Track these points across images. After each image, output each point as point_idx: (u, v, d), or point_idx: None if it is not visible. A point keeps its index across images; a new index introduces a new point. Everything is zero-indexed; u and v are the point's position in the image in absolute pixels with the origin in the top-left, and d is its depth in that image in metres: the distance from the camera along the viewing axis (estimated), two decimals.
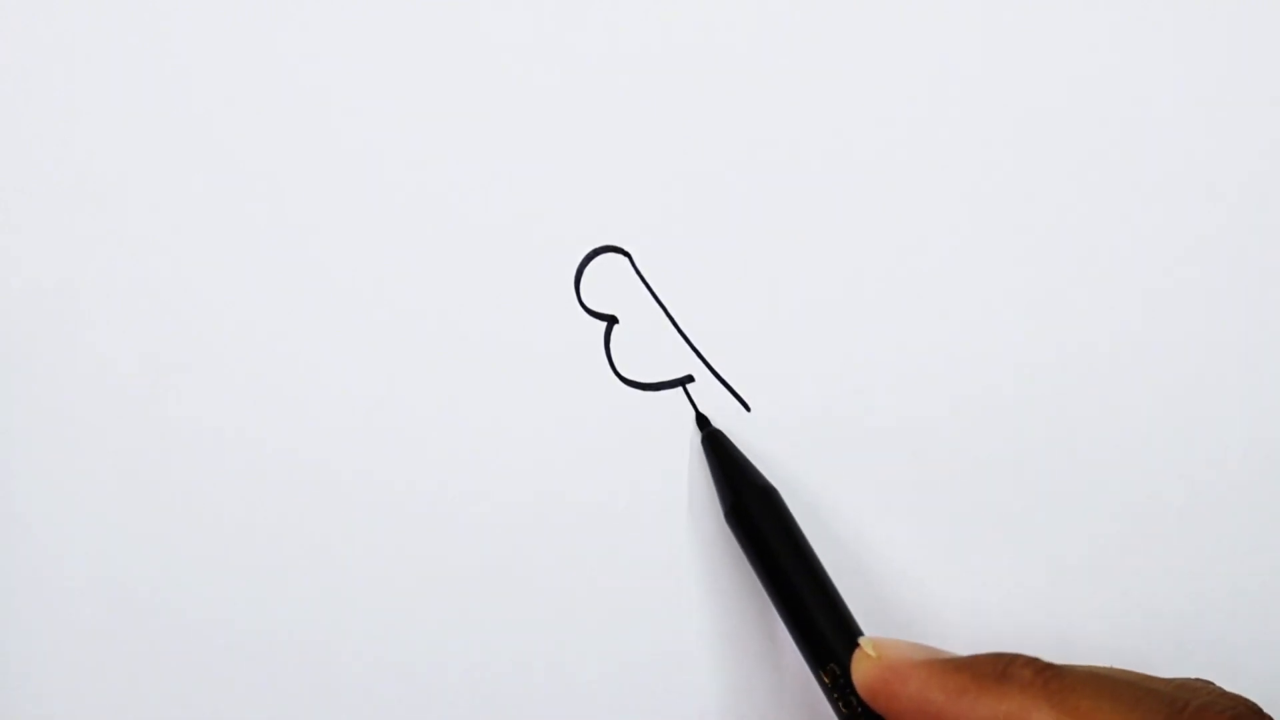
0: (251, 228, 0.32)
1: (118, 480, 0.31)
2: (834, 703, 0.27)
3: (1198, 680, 0.25)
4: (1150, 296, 0.32)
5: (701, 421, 0.31)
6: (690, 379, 0.32)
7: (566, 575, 0.31)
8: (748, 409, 0.31)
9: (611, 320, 0.32)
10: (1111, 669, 0.25)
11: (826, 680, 0.27)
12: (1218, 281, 0.32)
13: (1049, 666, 0.24)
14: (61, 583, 0.32)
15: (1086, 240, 0.32)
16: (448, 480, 0.31)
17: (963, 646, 0.27)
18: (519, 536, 0.31)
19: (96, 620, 0.31)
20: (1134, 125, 0.32)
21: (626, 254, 0.32)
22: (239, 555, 0.31)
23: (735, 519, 0.29)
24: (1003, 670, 0.24)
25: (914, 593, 0.31)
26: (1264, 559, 0.31)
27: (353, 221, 0.32)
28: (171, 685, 0.31)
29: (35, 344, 0.32)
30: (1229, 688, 0.25)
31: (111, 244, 0.32)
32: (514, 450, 0.31)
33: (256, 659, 0.31)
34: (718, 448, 0.30)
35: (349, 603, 0.31)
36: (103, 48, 0.32)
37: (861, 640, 0.27)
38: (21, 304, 0.32)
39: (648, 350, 0.32)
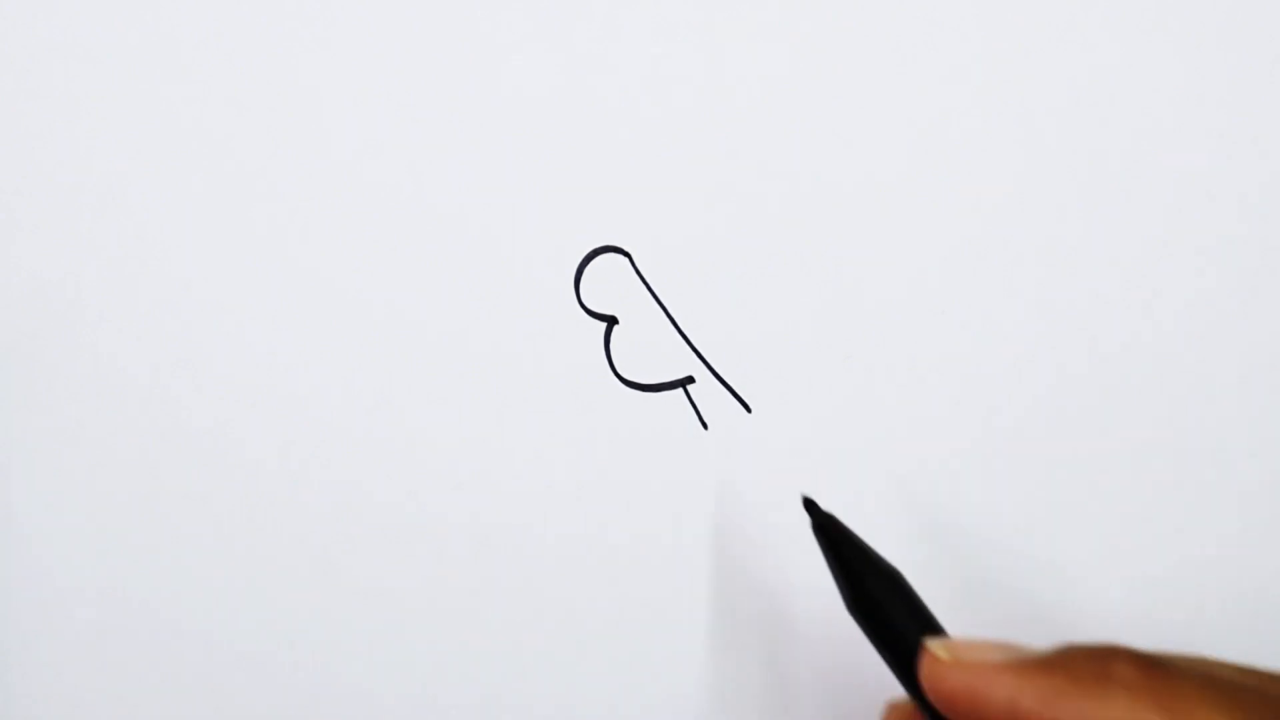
0: (252, 229, 0.32)
1: (118, 481, 0.32)
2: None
3: None
4: (1153, 295, 0.32)
5: (810, 506, 0.27)
6: (690, 379, 0.32)
7: (566, 575, 0.31)
8: (748, 409, 0.31)
9: (611, 320, 0.32)
10: (1209, 660, 0.23)
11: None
12: (1226, 283, 0.32)
13: (1152, 662, 0.22)
14: (61, 584, 0.32)
15: (1089, 243, 0.32)
16: (447, 481, 0.31)
17: None
18: (519, 536, 0.31)
19: (96, 621, 0.32)
20: (1138, 128, 0.32)
21: (626, 254, 0.32)
22: (239, 556, 0.31)
23: (859, 610, 0.26)
24: (1103, 669, 0.22)
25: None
26: None
27: (353, 222, 0.32)
28: (171, 685, 0.31)
29: (36, 344, 0.32)
30: None
31: (112, 245, 0.32)
32: (514, 450, 0.31)
33: (256, 660, 0.31)
34: (835, 536, 0.27)
35: (349, 603, 0.31)
36: (103, 47, 0.32)
37: (929, 642, 0.24)
38: (22, 304, 0.32)
39: (648, 351, 0.32)
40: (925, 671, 0.24)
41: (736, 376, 0.32)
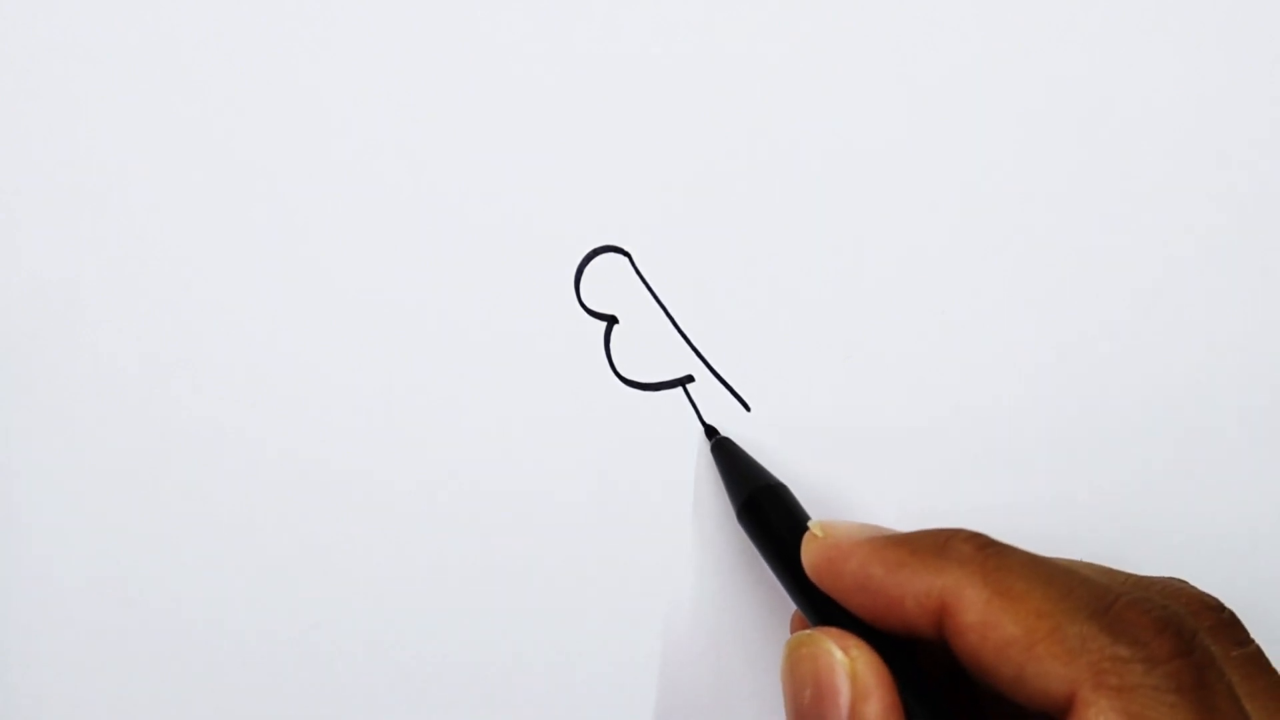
0: (252, 227, 0.32)
1: (118, 480, 0.32)
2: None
3: (1173, 579, 0.24)
4: (1152, 295, 0.32)
5: (710, 431, 0.31)
6: (690, 379, 0.32)
7: (566, 574, 0.31)
8: (748, 409, 0.31)
9: (611, 320, 0.32)
10: (1061, 558, 0.24)
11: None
12: (1219, 279, 0.32)
13: (991, 544, 0.23)
14: (62, 582, 0.32)
15: (1087, 240, 0.32)
16: (447, 479, 0.31)
17: None
18: (519, 536, 0.31)
19: (97, 620, 0.32)
20: (1134, 125, 0.32)
21: (626, 254, 0.32)
22: (239, 554, 0.31)
23: (747, 516, 0.29)
24: (943, 544, 0.23)
25: None
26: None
27: (353, 221, 0.32)
28: (171, 685, 0.31)
29: (36, 343, 0.32)
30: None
31: (112, 243, 0.32)
32: (514, 450, 0.31)
33: (256, 657, 0.31)
34: (726, 452, 0.30)
35: (349, 603, 0.31)
36: (103, 47, 0.32)
37: (810, 523, 0.26)
38: (22, 303, 0.32)
39: (648, 350, 0.32)
40: (804, 548, 0.26)
41: (736, 376, 0.32)
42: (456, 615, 0.31)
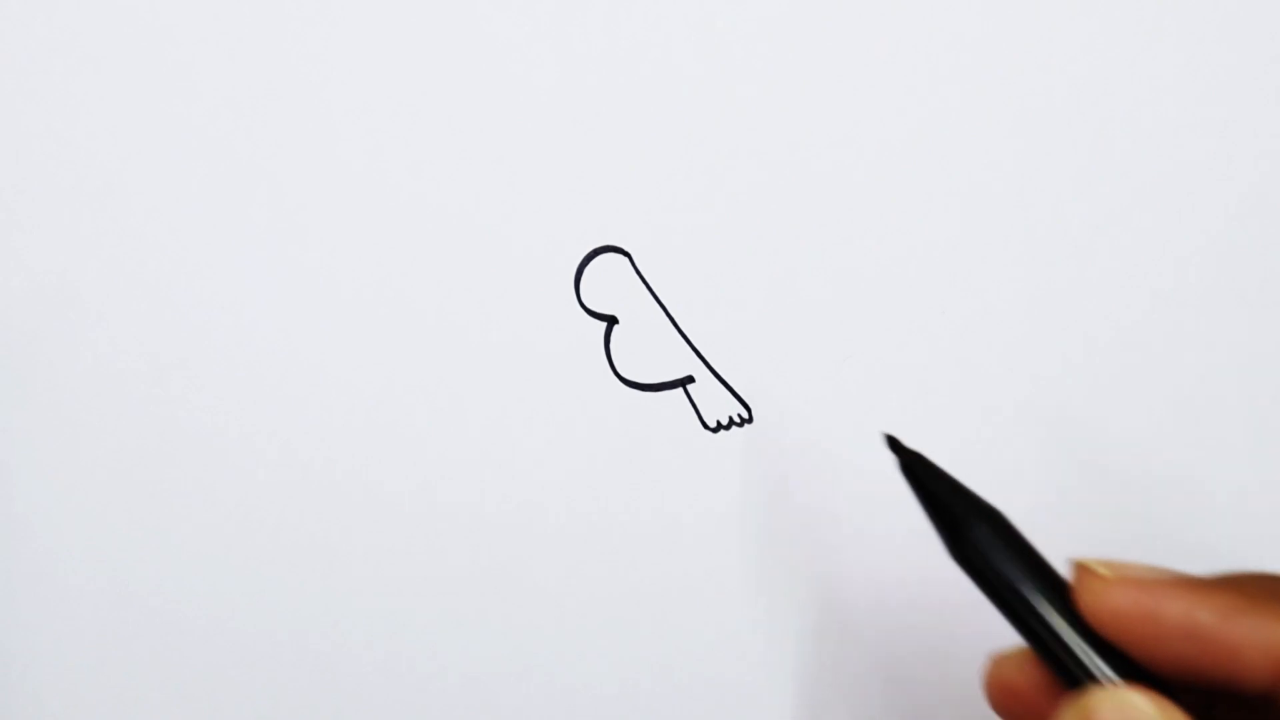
0: (253, 227, 0.32)
1: (118, 479, 0.31)
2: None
3: None
4: (1154, 298, 0.32)
5: (894, 445, 0.25)
6: (690, 379, 0.32)
7: (566, 575, 0.31)
8: (748, 409, 0.31)
9: (611, 320, 0.32)
10: None
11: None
12: (1226, 283, 0.32)
13: None
14: (62, 581, 0.32)
15: (1088, 242, 0.32)
16: (448, 479, 0.31)
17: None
18: (518, 536, 0.31)
19: (98, 619, 0.32)
20: (1138, 128, 0.32)
21: (626, 254, 0.32)
22: (240, 554, 0.31)
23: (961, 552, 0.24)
24: (1278, 590, 0.21)
25: (914, 590, 0.31)
26: None
27: (354, 221, 0.32)
28: (171, 684, 0.31)
29: (36, 343, 0.32)
30: None
31: (112, 243, 0.32)
32: (514, 450, 0.31)
33: (257, 659, 0.31)
34: (925, 473, 0.24)
35: (349, 603, 0.31)
36: (103, 47, 0.32)
37: (1086, 561, 0.22)
38: (23, 303, 0.32)
39: (648, 350, 0.32)
40: (1086, 591, 0.22)
41: (736, 376, 0.32)
42: (456, 615, 0.31)
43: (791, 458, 0.31)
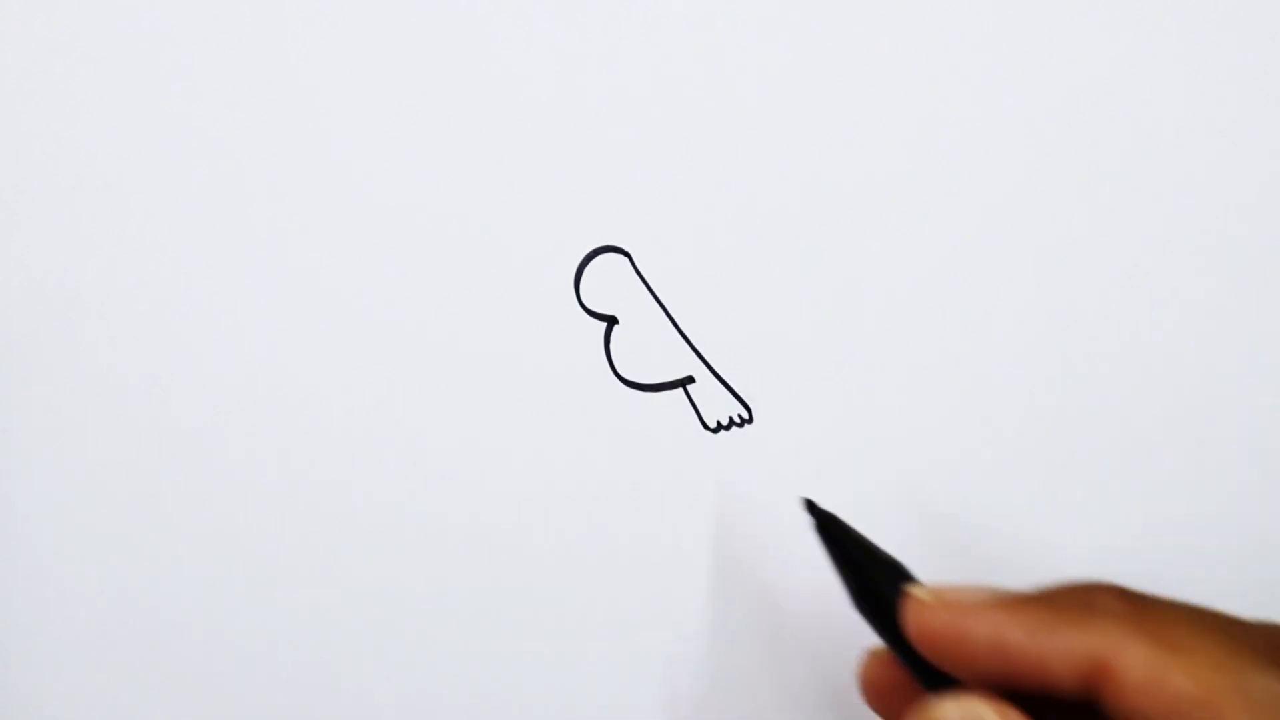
0: (252, 229, 0.32)
1: (117, 480, 0.31)
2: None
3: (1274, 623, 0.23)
4: (1154, 298, 0.32)
5: (810, 507, 0.27)
6: (690, 379, 0.32)
7: (565, 575, 0.31)
8: (748, 410, 0.31)
9: (611, 320, 0.32)
10: (1207, 608, 0.22)
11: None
12: (1226, 283, 0.32)
13: (1138, 595, 0.22)
14: (61, 584, 0.32)
15: (1091, 245, 0.32)
16: (448, 480, 0.31)
17: None
18: (518, 537, 0.31)
19: (96, 620, 0.31)
20: (1138, 128, 0.32)
21: (626, 254, 0.32)
22: (238, 556, 0.31)
23: (863, 602, 0.26)
24: (1087, 599, 0.22)
25: None
26: None
27: (353, 223, 0.32)
28: (171, 684, 0.31)
29: (36, 345, 0.32)
30: None
31: (112, 247, 0.32)
32: (514, 451, 0.31)
33: (255, 659, 0.31)
34: (837, 534, 0.27)
35: (349, 603, 0.31)
36: (103, 47, 0.32)
37: (911, 588, 0.24)
38: (22, 305, 0.32)
39: (648, 350, 0.32)
40: (910, 615, 0.23)
41: (736, 376, 0.32)
42: (456, 618, 0.31)
43: (791, 458, 0.31)
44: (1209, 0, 0.32)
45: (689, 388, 0.32)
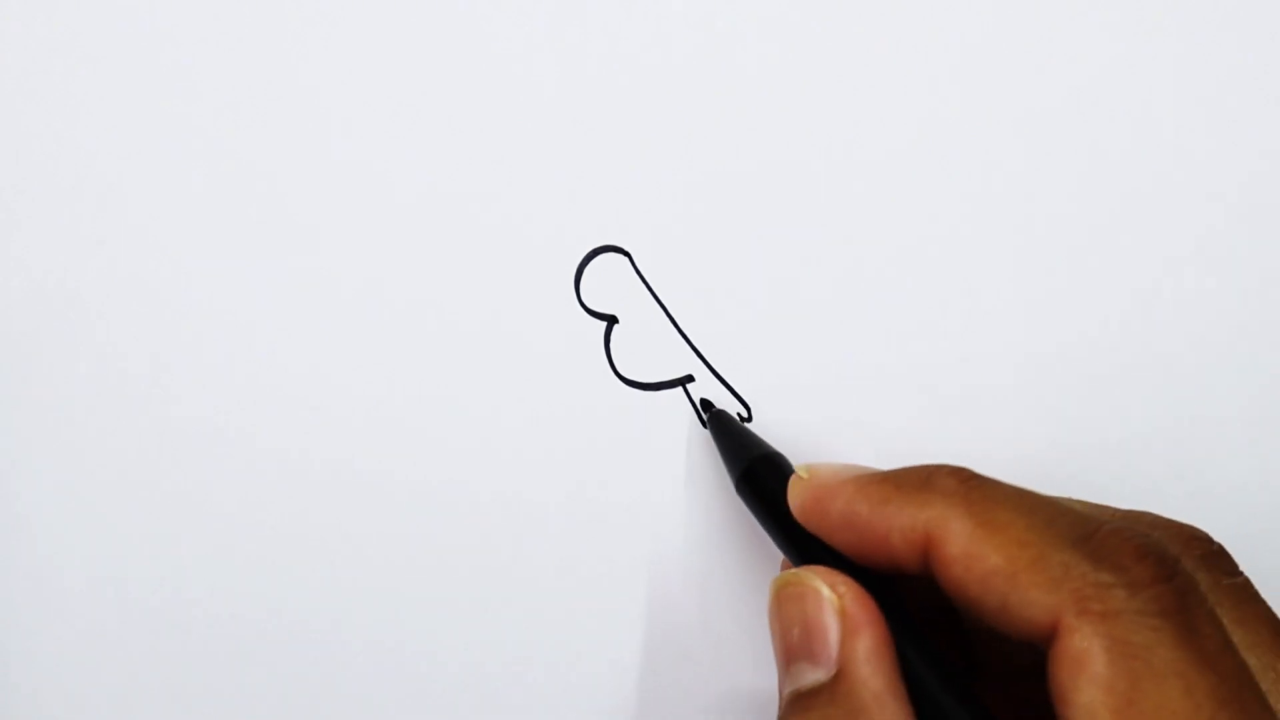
0: (253, 228, 0.32)
1: (118, 478, 0.32)
2: None
3: (1158, 515, 0.24)
4: (1154, 298, 0.32)
5: (705, 405, 0.31)
6: (690, 379, 0.32)
7: (565, 573, 0.31)
8: (748, 409, 0.31)
9: (611, 320, 0.32)
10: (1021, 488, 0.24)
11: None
12: (1226, 283, 0.32)
13: (974, 476, 0.23)
14: (62, 581, 0.32)
15: (1088, 242, 0.32)
16: (447, 479, 0.31)
17: None
18: (518, 536, 0.31)
19: (97, 618, 0.32)
20: (1138, 128, 0.32)
21: (626, 254, 0.32)
22: (239, 554, 0.31)
23: (746, 485, 0.28)
24: (926, 478, 0.23)
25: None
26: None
27: (354, 221, 0.32)
28: (171, 684, 0.31)
29: (36, 344, 0.32)
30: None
31: (112, 244, 0.32)
32: (514, 450, 0.31)
33: (256, 658, 0.31)
34: (723, 425, 0.30)
35: (349, 602, 0.31)
36: (103, 47, 0.32)
37: (797, 466, 0.26)
38: (22, 304, 0.32)
39: (648, 350, 0.32)
40: (790, 491, 0.26)
41: (736, 376, 0.32)
42: (456, 613, 0.31)
43: (791, 457, 0.31)
44: (1209, 0, 0.32)
45: (689, 387, 0.32)
